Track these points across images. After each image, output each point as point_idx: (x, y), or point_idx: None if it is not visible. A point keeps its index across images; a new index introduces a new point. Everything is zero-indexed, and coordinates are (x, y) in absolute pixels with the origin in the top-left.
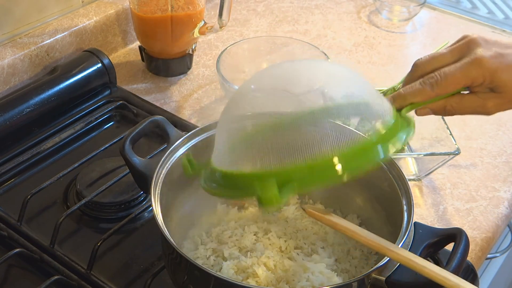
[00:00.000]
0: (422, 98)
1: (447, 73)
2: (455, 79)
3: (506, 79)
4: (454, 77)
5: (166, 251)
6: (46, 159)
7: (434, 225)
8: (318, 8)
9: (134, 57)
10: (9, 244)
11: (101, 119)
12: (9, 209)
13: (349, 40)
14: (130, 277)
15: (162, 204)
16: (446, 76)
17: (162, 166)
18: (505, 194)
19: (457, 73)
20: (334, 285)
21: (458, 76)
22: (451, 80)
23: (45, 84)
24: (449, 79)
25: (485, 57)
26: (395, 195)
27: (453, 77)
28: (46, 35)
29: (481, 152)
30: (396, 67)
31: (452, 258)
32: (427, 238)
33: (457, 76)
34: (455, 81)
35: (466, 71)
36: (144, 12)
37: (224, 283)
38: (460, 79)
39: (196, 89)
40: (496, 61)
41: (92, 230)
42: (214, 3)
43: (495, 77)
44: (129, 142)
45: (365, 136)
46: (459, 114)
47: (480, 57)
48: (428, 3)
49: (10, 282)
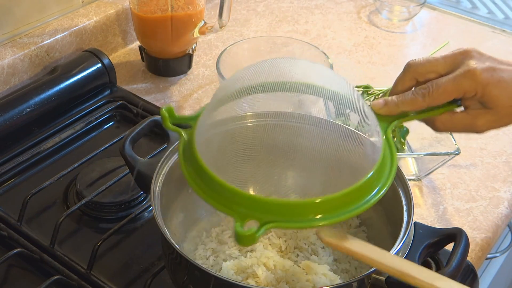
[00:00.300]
0: (413, 108)
1: (439, 84)
2: (447, 90)
3: (497, 94)
4: (446, 88)
5: (166, 251)
6: (46, 159)
7: (434, 225)
8: (318, 8)
9: (134, 57)
10: (9, 244)
11: (101, 119)
12: (9, 209)
13: (349, 40)
14: (130, 277)
15: (162, 204)
16: (438, 87)
17: (162, 166)
18: (505, 194)
19: (449, 85)
20: (334, 285)
21: (450, 87)
22: (442, 91)
23: (45, 84)
24: (440, 90)
25: (478, 69)
26: (395, 195)
27: (445, 88)
28: (46, 35)
29: (481, 152)
30: (396, 67)
31: (452, 258)
32: (427, 238)
33: (449, 87)
34: (446, 92)
35: (458, 82)
36: (144, 12)
37: (224, 283)
38: (451, 91)
39: (196, 89)
40: (488, 75)
41: (92, 230)
42: (214, 3)
43: (486, 90)
44: (129, 142)
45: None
46: (450, 131)
47: (473, 69)
48: (428, 3)
49: (10, 282)
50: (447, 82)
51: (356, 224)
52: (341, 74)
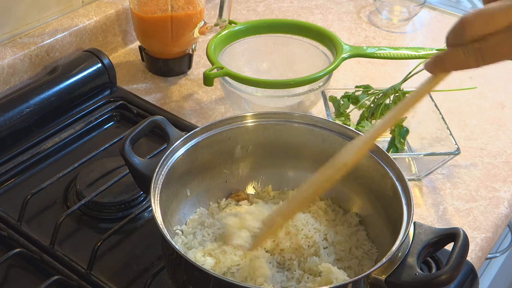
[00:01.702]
0: (464, 68)
1: (494, 46)
2: (503, 54)
3: None
4: (502, 52)
5: (166, 251)
6: (46, 159)
7: (434, 225)
8: (318, 8)
9: (134, 57)
10: (9, 244)
11: (101, 119)
12: (9, 209)
13: (349, 40)
14: (130, 277)
15: (162, 204)
16: (493, 48)
17: (162, 166)
18: (505, 194)
19: (504, 47)
20: (334, 285)
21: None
22: (498, 55)
23: (45, 84)
24: (496, 53)
25: None
26: (395, 195)
27: (501, 52)
28: (46, 35)
29: (481, 152)
30: (396, 67)
31: (451, 257)
32: (427, 237)
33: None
34: (503, 56)
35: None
36: (144, 12)
37: (224, 283)
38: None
39: (196, 89)
40: None
41: (92, 230)
42: (214, 3)
43: None
44: (129, 142)
45: None
46: None
47: None
48: (428, 3)
49: (10, 282)
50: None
51: (356, 223)
52: (341, 74)
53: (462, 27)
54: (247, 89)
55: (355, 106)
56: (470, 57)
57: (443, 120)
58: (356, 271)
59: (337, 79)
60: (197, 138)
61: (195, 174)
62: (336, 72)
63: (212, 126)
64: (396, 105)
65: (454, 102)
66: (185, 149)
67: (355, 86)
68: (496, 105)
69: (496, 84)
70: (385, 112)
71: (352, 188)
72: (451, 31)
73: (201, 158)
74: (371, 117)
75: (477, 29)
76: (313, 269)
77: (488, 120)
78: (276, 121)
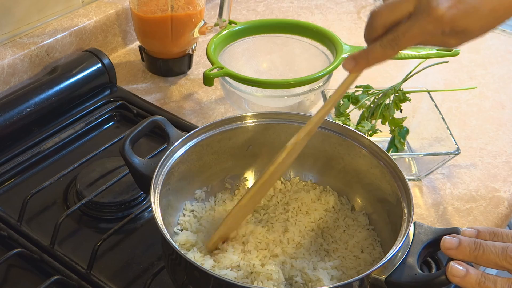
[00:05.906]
0: (385, 59)
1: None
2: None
3: (466, 23)
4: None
5: (166, 251)
6: (46, 159)
7: (434, 225)
8: (318, 8)
9: (134, 57)
10: (9, 244)
11: (101, 119)
12: (9, 209)
13: (349, 40)
14: (130, 277)
15: (162, 204)
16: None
17: (162, 166)
18: (505, 194)
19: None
20: (334, 285)
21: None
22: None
23: (45, 84)
24: (407, 37)
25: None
26: (395, 195)
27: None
28: (46, 35)
29: (481, 152)
30: (396, 67)
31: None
32: (427, 237)
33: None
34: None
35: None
36: (144, 12)
37: (224, 284)
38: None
39: (196, 89)
40: (454, 11)
41: (92, 230)
42: (214, 3)
43: (454, 25)
44: (129, 142)
45: None
46: None
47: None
48: None
49: (10, 282)
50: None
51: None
52: (341, 74)
53: (373, 17)
54: (247, 89)
55: (355, 106)
56: (387, 47)
57: (443, 120)
58: (356, 271)
59: (337, 79)
60: (197, 138)
61: (195, 174)
62: (336, 72)
63: (212, 126)
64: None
65: (454, 102)
66: (185, 149)
67: (355, 86)
68: (496, 105)
69: (496, 84)
70: (385, 112)
71: (352, 188)
72: (366, 26)
73: (201, 158)
74: (371, 117)
75: (385, 17)
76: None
77: (488, 120)
78: (276, 121)
